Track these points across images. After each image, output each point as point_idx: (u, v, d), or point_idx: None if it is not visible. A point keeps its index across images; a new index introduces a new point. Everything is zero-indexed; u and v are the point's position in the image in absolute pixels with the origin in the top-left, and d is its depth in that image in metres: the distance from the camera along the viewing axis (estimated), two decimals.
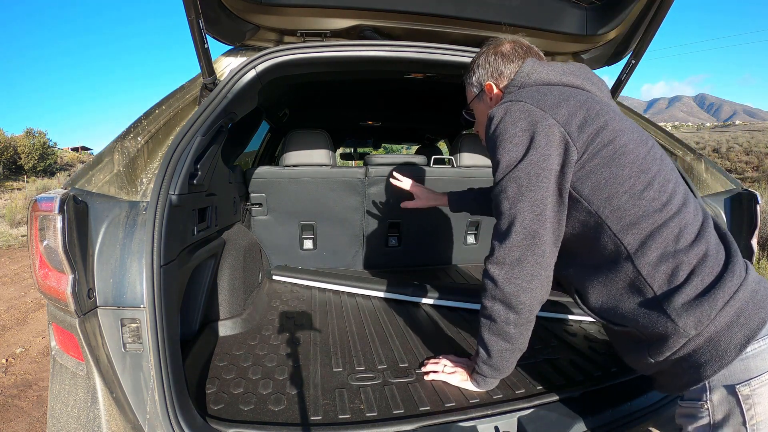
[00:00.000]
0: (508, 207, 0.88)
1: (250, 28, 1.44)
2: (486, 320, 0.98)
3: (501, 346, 0.99)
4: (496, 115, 0.91)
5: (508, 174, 0.88)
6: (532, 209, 0.86)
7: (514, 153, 0.87)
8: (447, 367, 1.22)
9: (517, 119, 0.87)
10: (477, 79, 1.11)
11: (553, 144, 0.84)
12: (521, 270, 0.88)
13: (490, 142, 0.93)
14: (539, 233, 0.86)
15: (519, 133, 0.87)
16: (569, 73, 0.98)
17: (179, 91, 1.26)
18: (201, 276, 1.50)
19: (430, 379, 1.22)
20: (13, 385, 2.61)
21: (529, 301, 0.90)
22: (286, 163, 2.17)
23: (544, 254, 0.88)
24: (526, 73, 0.99)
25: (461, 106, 1.29)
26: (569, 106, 0.87)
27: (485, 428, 1.00)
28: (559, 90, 0.92)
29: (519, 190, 0.86)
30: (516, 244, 0.87)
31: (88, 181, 1.06)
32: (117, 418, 0.92)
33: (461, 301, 1.86)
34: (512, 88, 1.00)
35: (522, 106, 0.88)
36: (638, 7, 1.44)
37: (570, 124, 0.85)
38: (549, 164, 0.84)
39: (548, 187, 0.85)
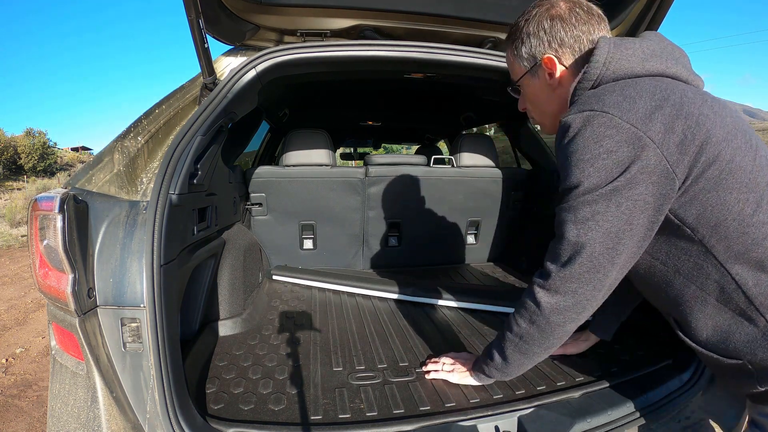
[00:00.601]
0: (575, 234, 0.76)
1: (250, 28, 1.44)
2: (514, 337, 0.91)
3: (522, 361, 0.95)
4: (572, 125, 0.75)
5: (583, 197, 0.74)
6: (605, 242, 0.74)
7: (594, 178, 0.73)
8: (446, 365, 1.21)
9: (601, 137, 0.71)
10: (529, 50, 0.90)
11: (646, 170, 0.70)
12: (575, 303, 0.79)
13: (563, 153, 0.78)
14: (605, 268, 0.75)
15: (603, 154, 0.71)
16: (652, 54, 0.79)
17: (179, 90, 1.27)
18: (201, 276, 1.50)
19: (430, 377, 1.21)
20: (13, 385, 2.61)
21: (571, 329, 0.84)
22: (286, 163, 2.17)
23: (602, 289, 0.78)
24: (603, 61, 0.79)
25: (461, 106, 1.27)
26: (664, 115, 0.70)
27: (485, 428, 1.00)
28: (648, 89, 0.74)
29: (593, 216, 0.74)
30: (575, 275, 0.77)
31: (89, 180, 1.06)
32: (117, 418, 0.92)
33: (461, 300, 1.86)
34: (586, 82, 0.82)
35: (608, 120, 0.71)
36: (638, 7, 1.44)
37: (668, 144, 0.69)
38: (637, 194, 0.71)
39: (632, 220, 0.72)
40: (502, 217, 2.53)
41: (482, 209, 2.48)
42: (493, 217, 2.53)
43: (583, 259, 0.76)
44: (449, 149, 3.42)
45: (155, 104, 1.22)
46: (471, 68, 1.49)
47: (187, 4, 1.02)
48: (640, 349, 1.36)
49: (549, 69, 0.89)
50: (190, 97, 1.25)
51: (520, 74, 0.96)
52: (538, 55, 0.90)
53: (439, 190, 2.33)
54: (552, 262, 0.81)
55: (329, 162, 2.19)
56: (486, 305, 1.82)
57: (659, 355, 1.32)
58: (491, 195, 2.44)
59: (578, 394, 1.13)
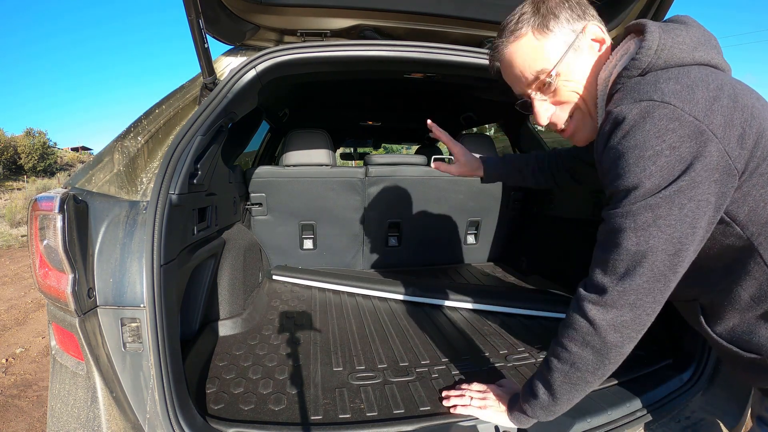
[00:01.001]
0: (635, 242, 0.68)
1: (250, 27, 1.44)
2: (563, 365, 0.80)
3: (572, 395, 0.83)
4: (627, 117, 0.67)
5: (644, 201, 0.67)
6: (668, 249, 0.67)
7: (657, 177, 0.65)
8: (475, 399, 1.05)
9: (663, 130, 0.64)
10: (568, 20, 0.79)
11: (709, 167, 0.64)
12: (634, 317, 0.72)
13: (615, 150, 0.69)
14: (667, 277, 0.69)
15: (666, 150, 0.64)
16: (699, 43, 0.73)
17: (179, 90, 1.27)
18: (201, 276, 1.50)
19: (457, 413, 1.06)
20: (13, 385, 2.61)
21: (628, 349, 0.76)
22: (286, 163, 2.17)
23: (662, 300, 0.71)
24: (655, 48, 0.71)
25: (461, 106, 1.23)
26: (722, 107, 0.65)
27: (485, 428, 1.00)
28: (702, 78, 0.67)
29: (655, 221, 0.67)
30: (636, 287, 0.70)
31: (88, 180, 1.06)
32: (117, 418, 0.92)
33: (461, 300, 1.86)
34: (633, 70, 0.73)
35: (670, 111, 0.64)
36: (638, 7, 1.44)
37: (729, 139, 0.64)
38: (700, 194, 0.65)
39: (694, 223, 0.66)
40: (502, 217, 2.53)
41: (482, 209, 2.48)
42: (493, 217, 2.53)
43: (644, 270, 0.69)
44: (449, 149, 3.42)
45: (155, 104, 1.22)
46: (471, 68, 1.49)
47: (187, 4, 1.02)
48: (640, 349, 1.35)
49: (596, 37, 0.79)
50: (190, 97, 1.25)
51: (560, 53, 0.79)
52: (577, 28, 0.79)
53: (439, 190, 2.34)
54: (606, 274, 0.73)
55: (329, 162, 2.19)
56: (486, 305, 1.82)
57: (659, 355, 1.32)
58: (491, 195, 2.44)
59: None
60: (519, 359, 1.37)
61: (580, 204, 2.07)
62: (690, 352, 1.24)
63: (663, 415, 1.09)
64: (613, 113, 0.69)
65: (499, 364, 1.34)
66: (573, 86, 0.81)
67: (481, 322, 1.71)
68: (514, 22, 0.82)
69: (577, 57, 0.80)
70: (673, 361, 1.28)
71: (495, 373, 1.29)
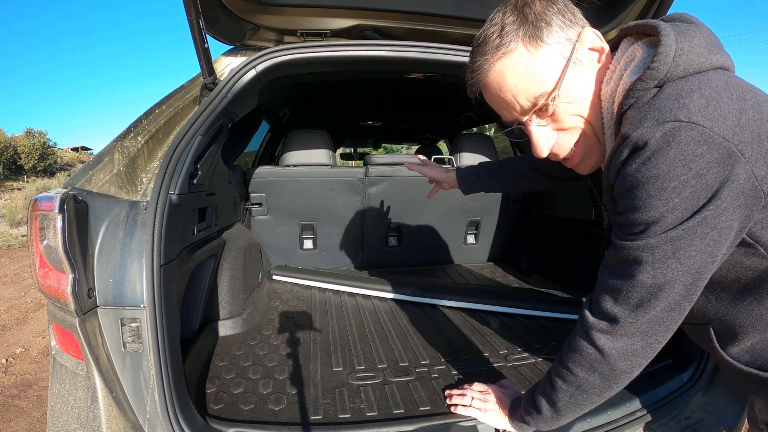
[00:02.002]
0: (651, 275, 0.63)
1: (250, 27, 1.44)
2: (569, 387, 0.78)
3: (575, 413, 0.81)
4: (650, 142, 0.58)
5: (667, 233, 0.60)
6: (686, 279, 0.63)
7: (680, 210, 0.58)
8: (476, 401, 1.04)
9: (691, 157, 0.56)
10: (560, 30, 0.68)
11: (735, 192, 0.57)
12: (645, 346, 0.69)
13: (635, 178, 0.60)
14: (682, 307, 0.65)
15: (692, 180, 0.57)
16: (713, 45, 0.65)
17: (179, 90, 1.27)
18: (201, 276, 1.50)
19: (457, 413, 1.06)
20: (13, 385, 2.61)
21: (637, 373, 0.73)
22: (286, 163, 2.17)
23: (675, 328, 0.68)
24: (672, 54, 0.61)
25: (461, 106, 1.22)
26: (749, 121, 0.57)
27: (485, 428, 1.00)
28: (721, 85, 0.60)
29: (675, 254, 0.61)
30: (649, 318, 0.66)
31: (88, 180, 1.06)
32: (117, 418, 0.92)
33: (461, 300, 1.86)
34: (649, 81, 0.62)
35: (699, 134, 0.56)
36: (638, 7, 1.44)
37: (757, 157, 0.57)
38: (725, 221, 0.59)
39: (715, 251, 0.61)
40: (502, 217, 2.53)
41: (482, 209, 2.48)
42: (493, 217, 2.53)
43: (660, 302, 0.64)
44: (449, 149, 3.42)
45: (155, 104, 1.22)
46: None
47: (187, 4, 1.02)
48: None
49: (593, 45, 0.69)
50: (190, 97, 1.25)
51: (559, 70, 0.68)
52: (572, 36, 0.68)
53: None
54: (617, 303, 0.68)
55: (329, 162, 2.19)
56: (486, 305, 1.82)
57: (659, 355, 1.31)
58: (491, 195, 2.44)
59: None
60: (519, 359, 1.38)
61: (580, 204, 2.07)
62: (690, 352, 1.24)
63: (663, 415, 1.09)
64: (632, 138, 0.60)
65: (499, 364, 1.34)
66: (575, 108, 0.70)
67: (481, 322, 1.71)
68: (496, 34, 0.68)
69: (576, 72, 0.69)
70: (673, 361, 1.28)
71: (495, 373, 1.29)
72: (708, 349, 0.83)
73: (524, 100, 0.70)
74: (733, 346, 0.75)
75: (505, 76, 0.69)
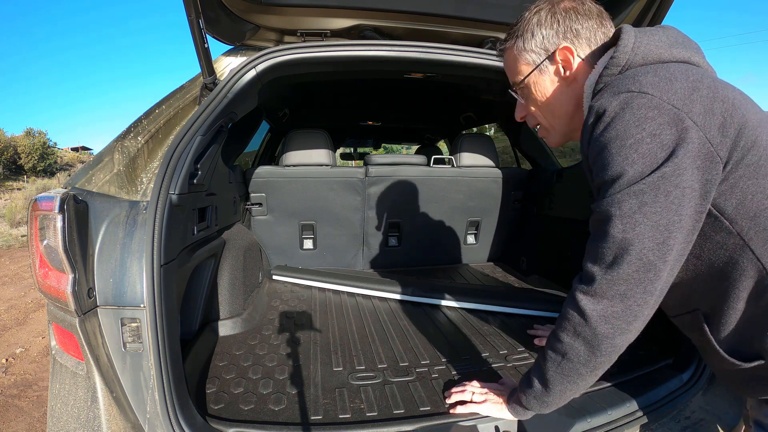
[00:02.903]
0: (621, 229, 0.68)
1: (250, 27, 1.44)
2: (556, 355, 0.81)
3: (565, 387, 0.83)
4: (608, 109, 0.70)
5: (629, 188, 0.68)
6: (655, 236, 0.67)
7: (640, 164, 0.66)
8: (476, 395, 1.06)
9: (643, 118, 0.66)
10: (540, 42, 0.85)
11: (691, 154, 0.65)
12: (625, 308, 0.71)
13: (599, 143, 0.71)
14: (657, 267, 0.68)
15: (647, 138, 0.66)
16: (676, 43, 0.76)
17: (179, 90, 1.27)
18: (201, 276, 1.50)
19: (459, 411, 1.05)
20: (13, 385, 2.61)
21: (622, 343, 0.75)
22: (286, 163, 2.17)
23: (654, 292, 0.70)
24: (631, 47, 0.75)
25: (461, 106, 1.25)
26: (702, 97, 0.67)
27: (485, 428, 1.00)
28: (681, 71, 0.70)
29: (641, 209, 0.67)
30: (624, 276, 0.69)
31: (89, 180, 1.06)
32: (117, 418, 0.92)
33: (461, 300, 1.86)
34: (613, 68, 0.76)
35: (648, 100, 0.66)
36: (638, 7, 1.44)
37: (710, 127, 0.66)
38: (685, 181, 0.65)
39: (680, 210, 0.66)
40: (502, 217, 2.53)
41: (482, 209, 2.48)
42: (492, 217, 2.53)
43: (632, 258, 0.68)
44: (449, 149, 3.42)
45: (155, 104, 1.22)
46: (471, 68, 1.49)
47: (187, 4, 1.02)
48: (640, 349, 1.36)
49: (564, 61, 0.84)
50: (190, 97, 1.25)
51: (525, 72, 0.88)
52: (551, 47, 0.84)
53: (439, 190, 2.34)
54: (595, 263, 0.73)
55: (329, 162, 2.19)
56: (486, 305, 1.82)
57: (659, 355, 1.32)
58: (491, 195, 2.44)
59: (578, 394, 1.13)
60: (519, 359, 1.37)
61: (580, 204, 2.07)
62: (690, 352, 1.24)
63: (663, 415, 1.09)
64: (594, 107, 0.72)
65: (499, 364, 1.34)
66: (536, 101, 0.91)
67: (481, 322, 1.71)
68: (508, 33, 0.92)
69: (540, 75, 0.88)
70: (673, 361, 1.28)
71: (495, 373, 1.29)
72: (699, 340, 0.85)
73: (510, 80, 0.95)
74: (721, 332, 0.78)
75: (505, 61, 0.96)
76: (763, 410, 0.81)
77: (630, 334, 0.74)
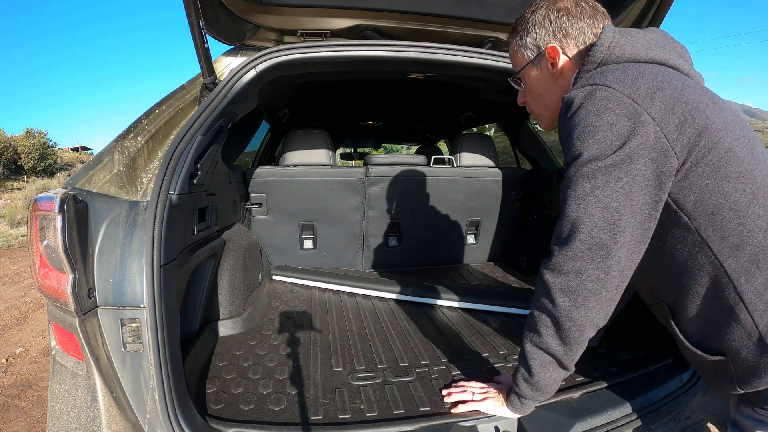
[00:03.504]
0: (575, 209, 0.74)
1: (250, 27, 1.44)
2: (530, 332, 0.86)
3: (544, 361, 0.86)
4: (575, 100, 0.76)
5: (582, 169, 0.73)
6: (605, 217, 0.72)
7: (593, 149, 0.72)
8: (476, 394, 1.07)
9: (602, 109, 0.72)
10: (534, 39, 0.91)
11: (645, 146, 0.70)
12: (579, 283, 0.75)
13: (565, 131, 0.79)
14: (608, 247, 0.72)
15: (603, 126, 0.71)
16: (655, 45, 0.81)
17: (179, 90, 1.27)
18: (201, 276, 1.50)
19: (460, 410, 1.05)
20: (13, 385, 2.61)
21: (581, 320, 0.77)
22: (286, 163, 2.17)
23: (609, 271, 0.73)
24: (607, 46, 0.81)
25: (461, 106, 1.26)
26: (665, 97, 0.71)
27: (485, 428, 1.00)
28: (650, 71, 0.75)
29: (592, 190, 0.72)
30: (577, 253, 0.74)
31: (88, 180, 1.06)
32: (117, 418, 0.92)
33: (461, 300, 1.86)
34: (589, 65, 0.83)
35: (609, 93, 0.72)
36: (638, 7, 1.44)
37: (667, 123, 0.70)
38: (637, 169, 0.70)
39: (632, 196, 0.71)
40: (502, 217, 2.53)
41: (482, 209, 2.48)
42: (493, 217, 2.53)
43: (583, 236, 0.73)
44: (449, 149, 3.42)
45: (155, 104, 1.22)
46: (471, 68, 1.49)
47: (187, 4, 1.02)
48: (640, 349, 1.36)
49: (552, 58, 0.90)
50: (190, 97, 1.25)
51: (522, 64, 0.96)
52: (542, 45, 0.91)
53: (439, 190, 2.34)
54: (555, 240, 0.80)
55: (329, 162, 2.19)
56: (486, 305, 1.82)
57: (659, 355, 1.32)
58: (491, 195, 2.44)
59: (578, 394, 1.13)
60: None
61: None
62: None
63: (663, 415, 1.09)
64: (565, 98, 0.79)
65: (499, 365, 1.34)
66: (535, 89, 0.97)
67: (481, 322, 1.71)
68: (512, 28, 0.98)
69: (534, 68, 0.95)
70: (672, 360, 1.28)
71: (495, 373, 1.29)
72: (670, 330, 0.88)
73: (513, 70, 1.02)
74: (684, 325, 0.83)
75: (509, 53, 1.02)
76: (740, 409, 0.82)
77: (589, 312, 0.77)
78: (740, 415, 0.81)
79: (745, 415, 0.80)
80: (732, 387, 0.78)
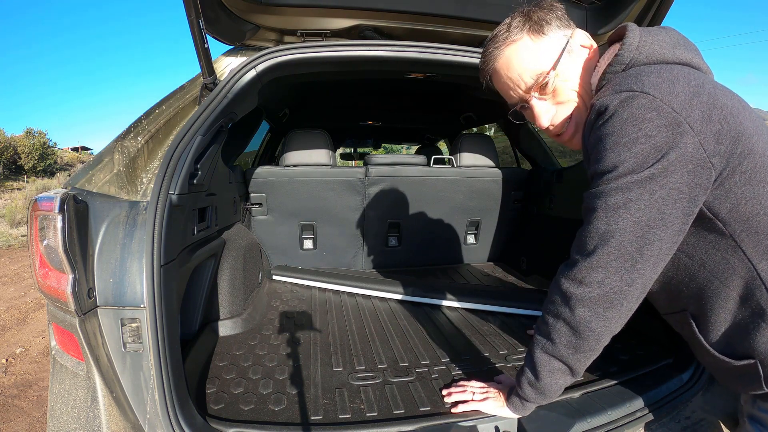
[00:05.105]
0: (604, 221, 0.72)
1: (250, 27, 1.44)
2: (542, 338, 0.84)
3: (553, 367, 0.85)
4: (609, 106, 0.70)
5: (617, 182, 0.70)
6: (635, 231, 0.70)
7: (630, 162, 0.68)
8: (476, 394, 1.07)
9: (640, 119, 0.67)
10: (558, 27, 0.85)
11: (683, 158, 0.66)
12: (601, 295, 0.74)
13: (597, 135, 0.73)
14: (634, 259, 0.71)
15: (642, 138, 0.67)
16: (678, 43, 0.78)
17: (179, 90, 1.26)
18: (201, 276, 1.50)
19: (460, 410, 1.05)
20: (13, 385, 2.62)
21: (600, 329, 0.76)
22: (286, 163, 2.17)
23: (632, 283, 0.72)
24: (636, 45, 0.76)
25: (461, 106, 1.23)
26: (701, 103, 0.67)
27: (485, 428, 0.99)
28: (683, 74, 0.71)
29: (625, 204, 0.69)
30: (602, 264, 0.72)
31: (89, 180, 1.06)
32: (117, 418, 0.92)
33: (461, 300, 1.86)
34: (617, 65, 0.78)
35: (649, 102, 0.67)
36: (638, 7, 1.44)
37: (706, 133, 0.67)
38: (672, 182, 0.67)
39: (664, 209, 0.69)
40: (502, 217, 2.53)
41: (482, 209, 2.48)
42: (493, 217, 2.53)
43: (610, 248, 0.71)
44: (449, 149, 3.42)
45: (155, 104, 1.22)
46: (471, 68, 1.49)
47: (187, 5, 1.02)
48: (640, 349, 1.36)
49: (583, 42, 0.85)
50: (190, 97, 1.25)
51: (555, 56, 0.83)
52: (567, 33, 0.85)
53: (439, 190, 2.34)
54: (577, 250, 0.77)
55: (329, 162, 2.19)
56: (486, 305, 1.82)
57: (659, 355, 1.32)
58: (491, 195, 2.44)
59: (578, 394, 1.13)
60: (519, 359, 1.37)
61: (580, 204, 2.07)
62: (690, 352, 1.24)
63: (663, 415, 1.09)
64: (596, 104, 0.74)
65: (499, 365, 1.34)
66: (571, 85, 0.85)
67: (481, 322, 1.71)
68: (505, 30, 0.86)
69: (571, 58, 0.85)
70: (673, 360, 1.28)
71: (495, 373, 1.29)
72: (690, 339, 0.86)
73: (528, 78, 0.85)
74: (710, 332, 0.80)
75: (512, 58, 0.85)
76: (756, 404, 0.82)
77: (609, 322, 0.76)
78: (759, 410, 0.81)
79: (765, 410, 0.80)
80: (758, 387, 0.77)
